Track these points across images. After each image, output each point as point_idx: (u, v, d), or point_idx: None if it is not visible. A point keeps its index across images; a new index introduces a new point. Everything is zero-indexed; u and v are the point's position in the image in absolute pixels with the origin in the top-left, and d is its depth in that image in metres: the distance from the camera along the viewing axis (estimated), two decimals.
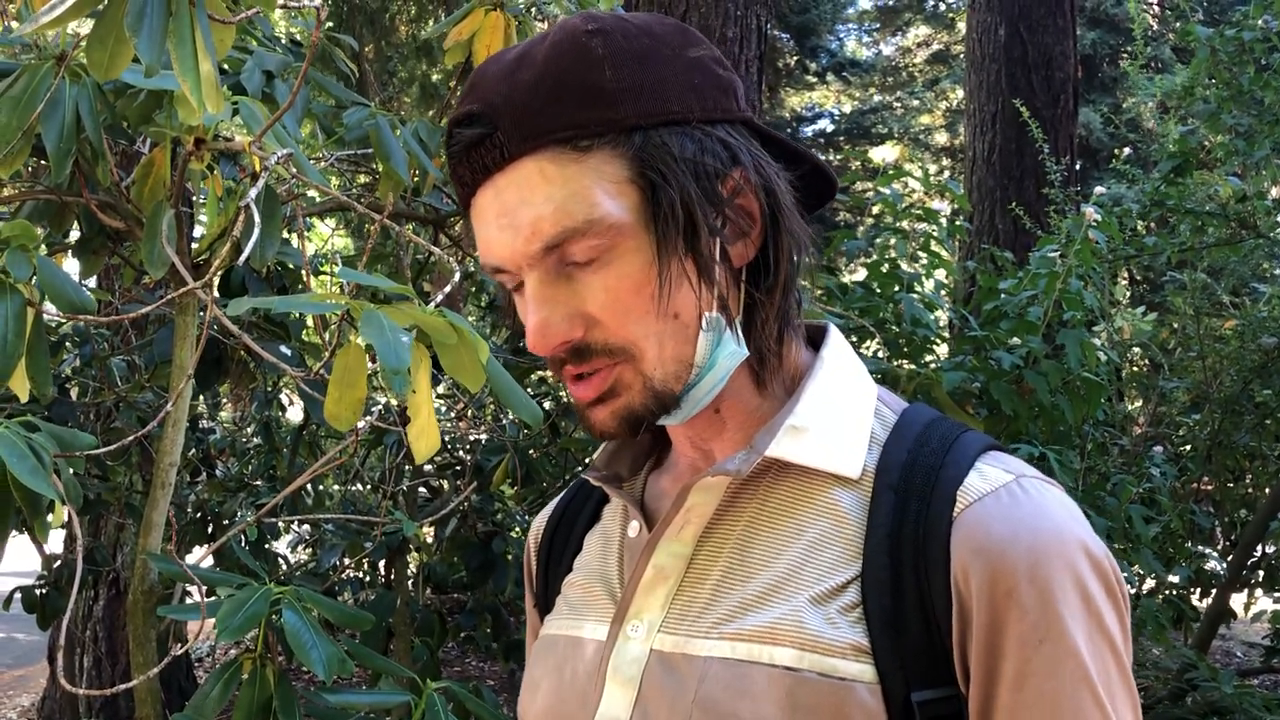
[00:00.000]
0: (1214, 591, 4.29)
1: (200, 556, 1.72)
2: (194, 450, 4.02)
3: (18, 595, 3.44)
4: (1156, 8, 12.19)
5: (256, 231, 1.28)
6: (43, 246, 1.95)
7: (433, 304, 1.12)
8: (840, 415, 0.80)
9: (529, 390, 3.76)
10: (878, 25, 17.15)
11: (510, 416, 3.62)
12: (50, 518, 1.40)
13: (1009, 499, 0.73)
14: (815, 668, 0.71)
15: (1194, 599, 4.45)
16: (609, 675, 0.80)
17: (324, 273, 3.53)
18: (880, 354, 2.82)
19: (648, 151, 0.73)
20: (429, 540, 4.06)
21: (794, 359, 0.84)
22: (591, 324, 0.75)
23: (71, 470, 1.48)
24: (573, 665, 0.84)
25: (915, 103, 16.00)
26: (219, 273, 1.93)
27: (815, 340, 0.87)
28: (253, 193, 1.28)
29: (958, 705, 0.72)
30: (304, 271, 1.53)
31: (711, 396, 0.79)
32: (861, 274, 2.95)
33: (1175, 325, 4.42)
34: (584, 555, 0.93)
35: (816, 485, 0.79)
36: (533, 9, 2.25)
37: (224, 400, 4.76)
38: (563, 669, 0.85)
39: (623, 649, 0.80)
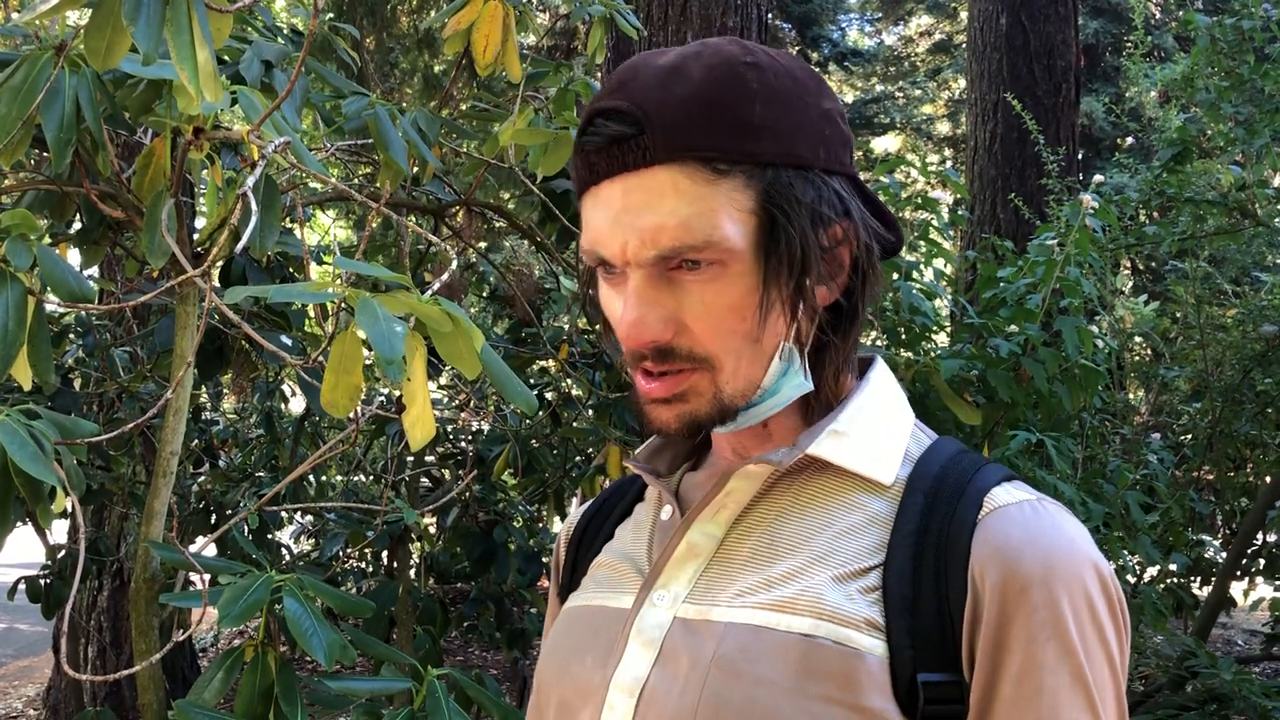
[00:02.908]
0: (1214, 579, 4.30)
1: (202, 545, 1.73)
2: (196, 441, 4.03)
3: (22, 585, 3.45)
4: None
5: (254, 219, 1.29)
6: (45, 237, 1.96)
7: (429, 293, 1.13)
8: (879, 428, 0.85)
9: (530, 380, 3.76)
10: (879, 15, 17.08)
11: (512, 406, 3.62)
12: (52, 505, 1.41)
13: (1031, 512, 0.78)
14: (830, 636, 0.75)
15: (1194, 587, 4.46)
16: (631, 637, 0.83)
17: (325, 263, 3.54)
18: (880, 342, 2.82)
19: (776, 188, 0.77)
20: (431, 530, 4.08)
21: (844, 387, 0.89)
22: (681, 329, 0.80)
23: (75, 459, 1.49)
24: (595, 629, 0.88)
25: (917, 92, 15.95)
26: (219, 262, 1.94)
27: (863, 371, 0.92)
28: (250, 180, 1.29)
29: (960, 691, 0.75)
30: (304, 261, 1.53)
31: (765, 417, 0.84)
32: None
33: (1176, 314, 4.42)
34: (614, 541, 0.97)
35: (850, 487, 0.83)
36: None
37: (226, 391, 4.77)
38: (585, 633, 0.88)
39: (647, 614, 0.84)
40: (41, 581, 3.38)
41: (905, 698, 0.74)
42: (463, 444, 3.98)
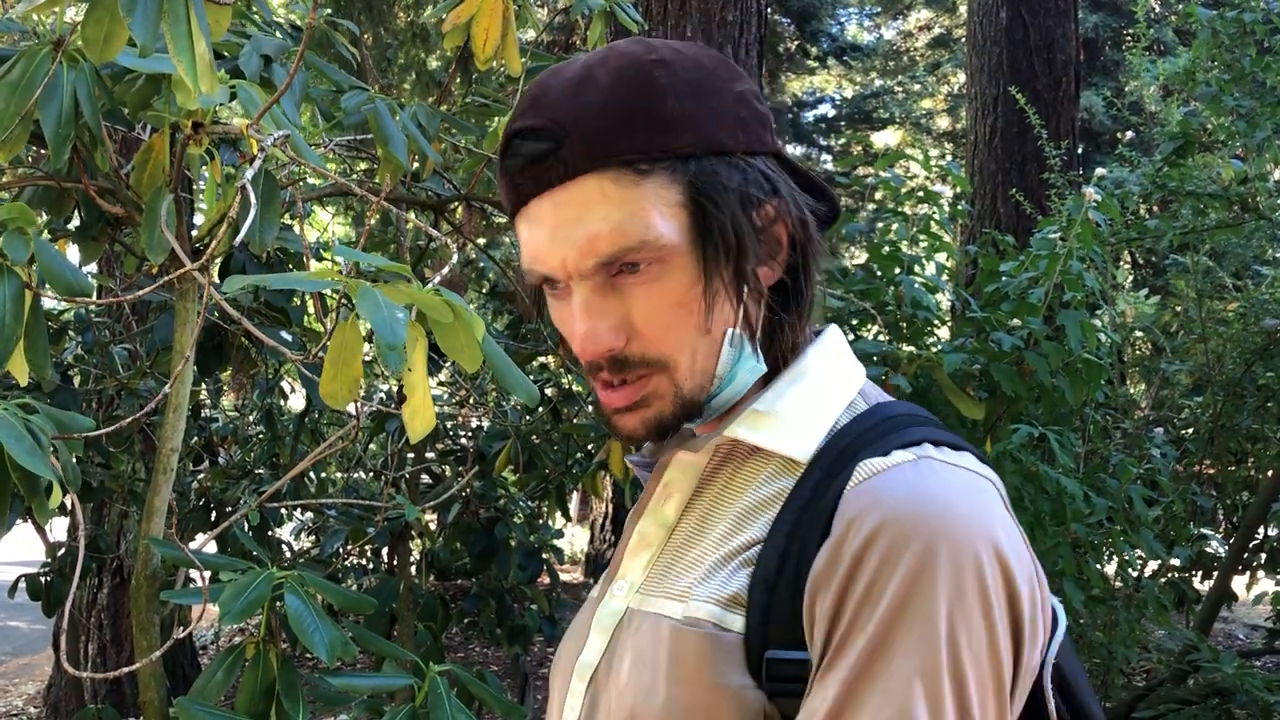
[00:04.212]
0: (1215, 574, 4.30)
1: (203, 542, 1.73)
2: (196, 438, 4.03)
3: (22, 583, 3.44)
4: None
5: (253, 213, 1.28)
6: (44, 233, 1.95)
7: (430, 285, 1.12)
8: (805, 404, 0.84)
9: (531, 376, 3.76)
10: (879, 9, 17.05)
11: (512, 402, 3.62)
12: (49, 501, 1.40)
13: (893, 475, 0.73)
14: (704, 616, 0.76)
15: (1196, 581, 4.46)
16: (594, 626, 0.87)
17: (325, 259, 3.53)
18: (881, 337, 2.81)
19: (701, 179, 0.78)
20: (431, 526, 4.07)
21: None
22: (633, 334, 0.81)
23: (74, 456, 1.49)
24: (583, 618, 0.92)
25: (917, 87, 15.95)
26: (218, 257, 1.93)
27: None
28: (249, 173, 1.28)
29: (808, 671, 0.72)
30: (304, 257, 1.52)
31: (729, 405, 0.85)
32: (863, 258, 2.94)
33: (1177, 308, 4.42)
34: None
35: (772, 466, 0.83)
36: None
37: (226, 388, 4.77)
38: (579, 623, 0.93)
39: (607, 605, 0.87)
40: (41, 579, 3.37)
41: (761, 674, 0.73)
42: (463, 440, 3.97)
